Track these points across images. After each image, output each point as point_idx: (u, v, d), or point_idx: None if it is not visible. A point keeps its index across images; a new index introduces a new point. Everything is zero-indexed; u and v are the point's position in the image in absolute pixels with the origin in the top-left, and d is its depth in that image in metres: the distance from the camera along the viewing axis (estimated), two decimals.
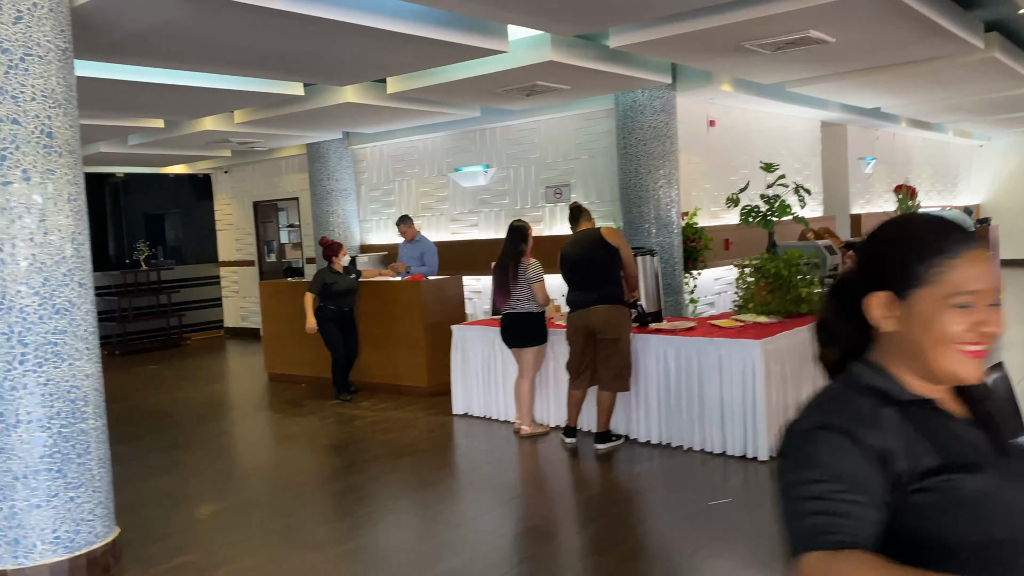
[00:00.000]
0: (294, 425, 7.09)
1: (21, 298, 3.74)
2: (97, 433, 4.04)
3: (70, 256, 3.91)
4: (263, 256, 13.39)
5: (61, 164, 3.87)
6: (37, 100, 3.76)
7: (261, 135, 9.80)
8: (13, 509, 3.76)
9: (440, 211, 10.67)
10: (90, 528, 3.96)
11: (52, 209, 3.83)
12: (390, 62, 6.18)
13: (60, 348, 3.85)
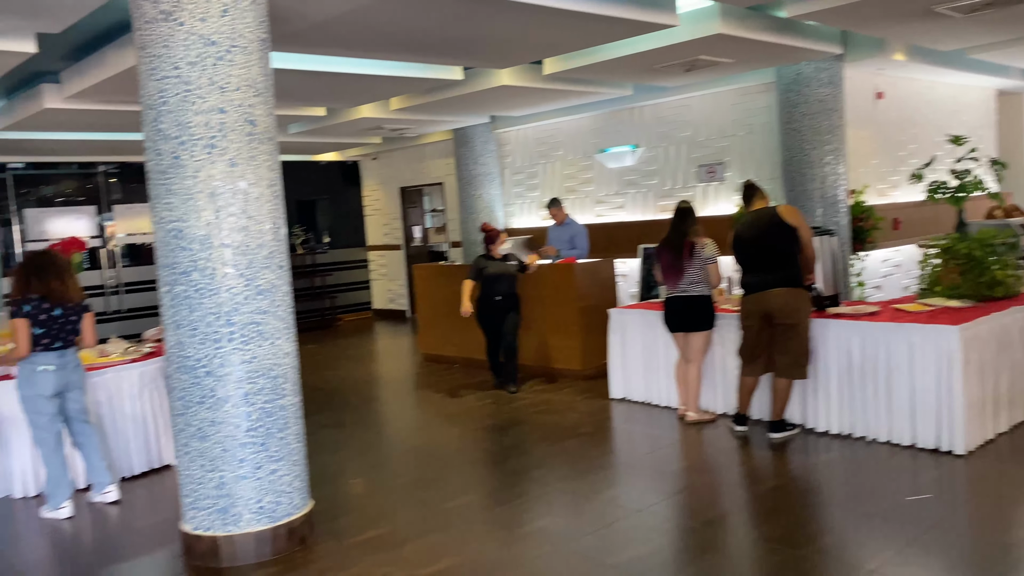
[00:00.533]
0: (453, 405, 7.21)
1: (228, 280, 3.93)
2: (294, 409, 4.21)
3: (270, 240, 4.07)
4: (409, 240, 13.73)
5: (262, 151, 4.03)
6: (241, 90, 3.93)
7: (413, 121, 10.00)
8: (223, 479, 3.98)
9: (585, 193, 10.57)
10: (289, 500, 4.14)
11: (255, 194, 3.99)
12: (552, 42, 6.12)
13: (263, 327, 4.02)
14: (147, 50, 3.87)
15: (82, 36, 5.80)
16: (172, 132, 3.85)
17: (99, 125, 8.27)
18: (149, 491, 5.39)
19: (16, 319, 4.66)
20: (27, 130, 8.22)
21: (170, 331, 4.01)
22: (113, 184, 12.33)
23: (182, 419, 4.02)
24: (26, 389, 4.77)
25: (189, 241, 3.89)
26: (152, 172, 3.96)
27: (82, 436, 5.04)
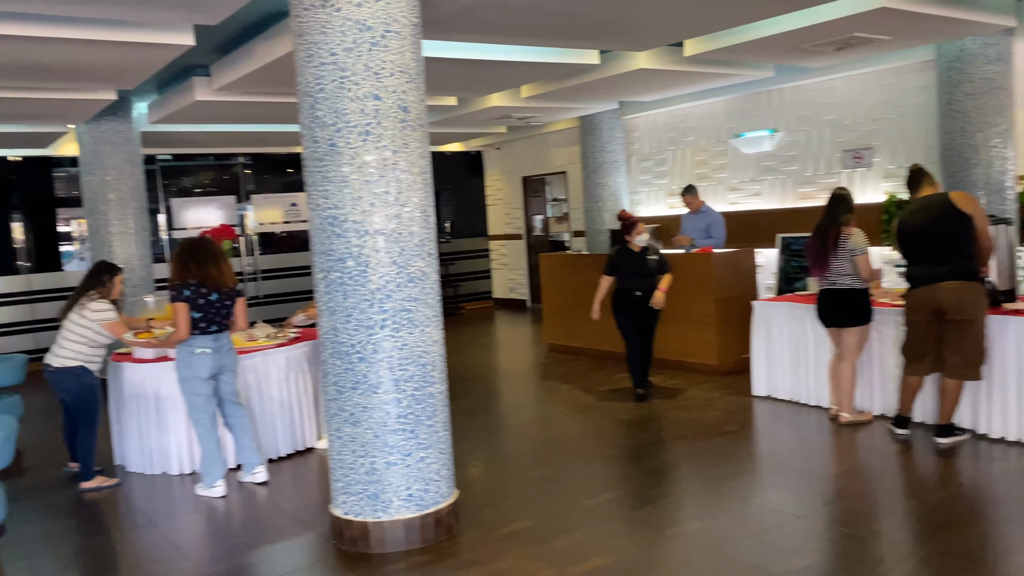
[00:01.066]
0: (583, 397, 7.08)
1: (382, 267, 3.92)
2: (441, 397, 4.18)
3: (420, 228, 4.04)
4: (530, 230, 13.67)
5: (414, 138, 4.00)
6: (395, 76, 3.90)
7: (541, 109, 9.89)
8: (373, 465, 3.99)
9: (718, 180, 10.19)
10: (436, 488, 4.11)
11: (407, 182, 3.96)
12: (697, 21, 5.86)
13: (413, 315, 4.00)
14: (304, 37, 3.89)
15: (232, 29, 5.96)
16: (328, 119, 3.86)
17: (241, 117, 8.57)
18: (294, 473, 5.51)
19: (177, 303, 4.83)
20: (176, 123, 8.60)
21: (324, 317, 4.04)
22: (248, 175, 12.83)
23: (335, 404, 4.05)
24: (184, 370, 4.95)
25: (344, 228, 3.90)
26: (308, 160, 3.99)
27: (233, 417, 5.20)
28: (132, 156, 8.59)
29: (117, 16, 4.78)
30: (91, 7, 4.48)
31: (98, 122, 8.33)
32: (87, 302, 5.13)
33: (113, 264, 5.40)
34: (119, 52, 5.38)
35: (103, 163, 8.44)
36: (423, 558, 3.94)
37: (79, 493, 5.24)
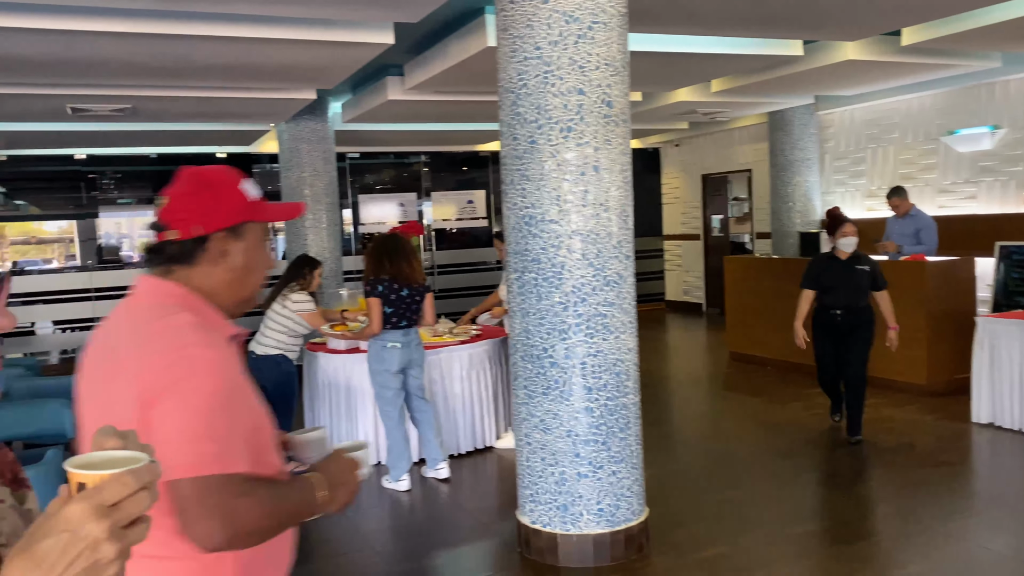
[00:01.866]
0: (773, 412, 6.62)
1: (577, 269, 3.76)
2: (635, 408, 3.97)
3: (618, 229, 3.85)
4: (708, 230, 13.14)
5: (617, 134, 3.80)
6: (600, 69, 3.72)
7: (729, 104, 9.42)
8: (563, 476, 3.83)
9: (925, 181, 9.29)
10: (628, 504, 3.91)
11: (608, 181, 3.78)
12: (924, 5, 5.27)
13: (608, 321, 3.81)
14: (509, 31, 3.79)
15: (426, 28, 6.02)
16: (530, 116, 3.74)
17: (427, 115, 8.72)
18: (475, 472, 5.49)
19: (371, 298, 4.91)
20: (368, 122, 8.89)
21: (517, 318, 3.93)
22: (425, 172, 13.14)
23: (525, 408, 3.93)
24: (375, 364, 5.03)
25: (540, 228, 3.77)
26: (507, 157, 3.89)
27: (419, 412, 5.23)
28: (327, 154, 8.97)
29: (321, 15, 4.92)
30: (296, 7, 4.62)
31: (297, 121, 8.75)
32: (289, 293, 5.33)
33: (313, 258, 5.58)
34: (322, 52, 5.55)
35: (300, 160, 8.86)
36: None
37: None
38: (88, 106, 6.95)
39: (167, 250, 1.49)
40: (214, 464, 1.31)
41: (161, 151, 10.96)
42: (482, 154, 13.02)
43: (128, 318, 1.45)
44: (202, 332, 1.40)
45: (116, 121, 7.92)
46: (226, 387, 1.38)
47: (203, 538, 1.30)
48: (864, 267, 5.61)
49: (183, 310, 1.42)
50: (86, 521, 0.67)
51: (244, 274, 1.53)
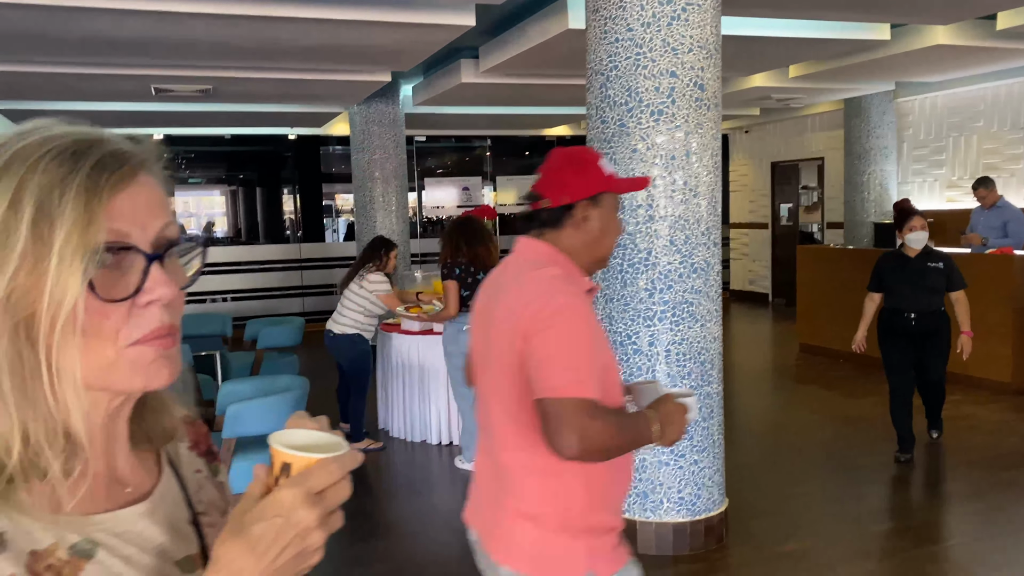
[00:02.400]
0: (849, 407, 6.47)
1: (665, 255, 3.71)
2: (718, 398, 3.92)
3: (707, 215, 3.78)
4: (776, 219, 12.88)
5: (708, 119, 3.74)
6: (693, 51, 3.65)
7: (805, 90, 9.19)
8: (644, 463, 3.81)
9: (1010, 172, 8.94)
10: (709, 494, 3.86)
11: (697, 165, 3.72)
12: None
13: (695, 309, 3.76)
14: (600, 12, 3.74)
15: (505, 9, 5.99)
16: (620, 99, 3.70)
17: (498, 99, 8.70)
18: None
19: (448, 281, 4.93)
20: (438, 105, 8.92)
21: (599, 304, 3.90)
22: (488, 156, 13.14)
23: None
24: (451, 346, 5.05)
25: (627, 212, 3.73)
26: (594, 141, 3.85)
27: None
28: (397, 137, 9.03)
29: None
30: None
31: (369, 104, 8.82)
32: (366, 274, 5.39)
33: (389, 240, 5.64)
34: (402, 33, 5.57)
35: (371, 143, 8.94)
36: (692, 567, 3.71)
37: None
38: (172, 87, 7.11)
39: (540, 216, 1.82)
40: (575, 389, 1.59)
41: (234, 131, 11.17)
42: (547, 138, 12.96)
43: (511, 270, 1.84)
44: (568, 283, 1.73)
45: (195, 102, 8.09)
46: (588, 329, 1.67)
47: (563, 448, 1.58)
48: (937, 264, 4.95)
49: (552, 265, 1.76)
50: (298, 507, 0.67)
51: (600, 237, 1.83)
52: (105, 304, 0.69)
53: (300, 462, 0.69)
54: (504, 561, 1.73)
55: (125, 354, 0.71)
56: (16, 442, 0.69)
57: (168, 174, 0.79)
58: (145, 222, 0.72)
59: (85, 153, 0.71)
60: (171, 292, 0.72)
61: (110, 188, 0.70)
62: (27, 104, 8.03)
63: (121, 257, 0.70)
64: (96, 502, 0.76)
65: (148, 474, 0.83)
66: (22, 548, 0.68)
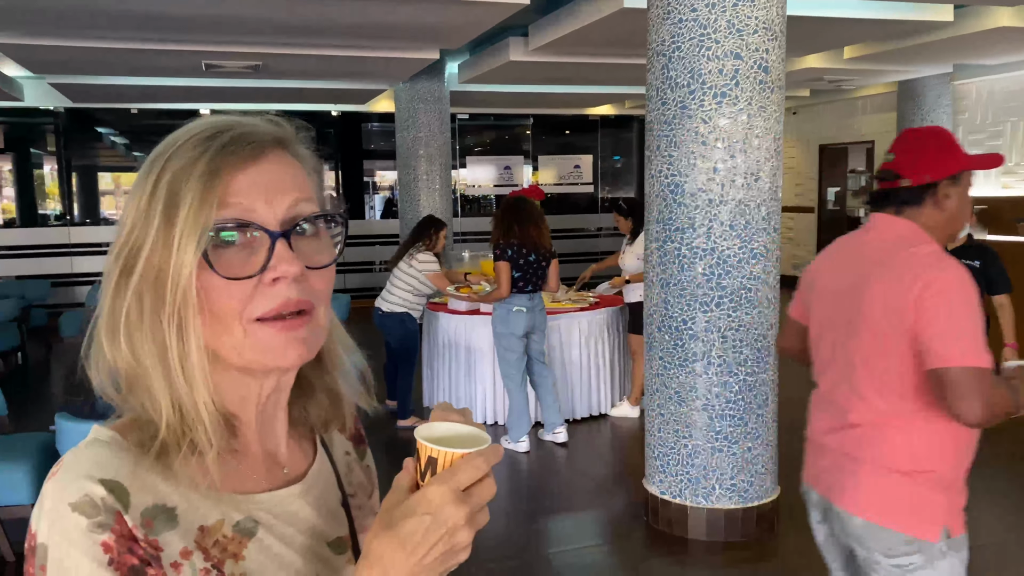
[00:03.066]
0: None
1: (724, 240, 3.66)
2: (773, 385, 3.87)
3: (768, 199, 3.72)
4: (823, 203, 12.66)
5: (771, 101, 3.66)
6: (759, 33, 3.57)
7: (858, 72, 8.98)
8: (696, 448, 3.79)
9: None
10: (761, 482, 3.83)
11: (759, 149, 3.65)
12: None
13: (753, 295, 3.71)
14: None
15: None
16: (682, 80, 3.64)
17: (545, 78, 8.63)
18: (591, 438, 5.49)
19: (500, 262, 4.92)
20: (484, 83, 8.87)
21: (655, 288, 3.87)
22: (528, 135, 13.06)
23: (659, 379, 3.89)
24: (501, 327, 5.06)
25: (686, 196, 3.69)
26: (654, 123, 3.80)
27: (539, 376, 5.25)
28: (442, 115, 9.01)
29: None
30: None
31: (414, 81, 8.80)
32: (415, 253, 5.41)
33: (438, 219, 5.64)
34: (453, 11, 5.54)
35: (416, 121, 8.93)
36: (743, 554, 3.69)
37: (396, 430, 5.60)
38: (221, 63, 7.16)
39: (900, 195, 1.91)
40: (975, 359, 1.70)
41: (280, 107, 11.22)
42: (591, 118, 12.85)
43: (873, 247, 1.94)
44: (948, 258, 1.83)
45: (243, 77, 8.14)
46: (975, 299, 1.76)
47: (967, 414, 1.70)
48: (972, 263, 4.31)
49: (926, 242, 1.87)
50: (446, 505, 0.67)
51: (957, 215, 1.92)
52: (228, 282, 0.70)
53: (445, 457, 0.69)
54: (860, 512, 1.89)
55: (252, 331, 0.71)
56: (164, 413, 0.71)
57: (312, 151, 0.79)
58: (272, 199, 0.72)
59: (215, 137, 0.72)
60: (295, 269, 0.71)
61: (232, 168, 0.71)
62: (83, 79, 8.15)
63: (248, 236, 0.71)
64: (255, 482, 0.78)
65: (304, 456, 0.85)
66: (192, 523, 0.71)
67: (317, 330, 0.75)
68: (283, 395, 0.80)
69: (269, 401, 0.78)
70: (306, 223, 0.74)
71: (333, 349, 0.85)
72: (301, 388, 0.84)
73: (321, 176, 0.81)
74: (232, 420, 0.76)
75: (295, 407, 0.84)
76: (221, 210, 0.69)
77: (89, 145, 11.30)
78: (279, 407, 0.81)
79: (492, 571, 3.59)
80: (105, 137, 11.51)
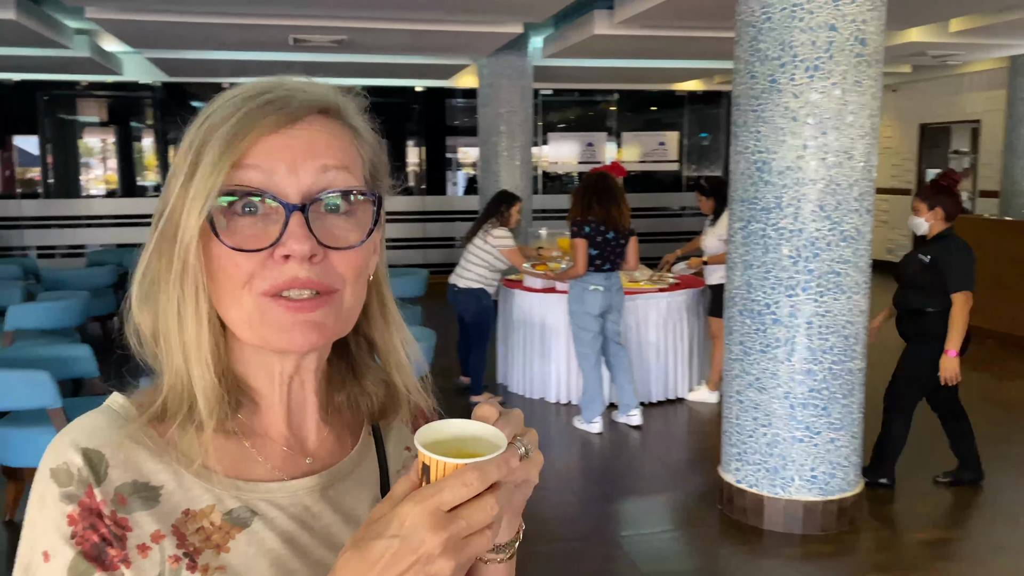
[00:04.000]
0: (1002, 388, 6.03)
1: (813, 221, 3.49)
2: (860, 375, 3.70)
3: (862, 179, 3.53)
4: (921, 185, 12.04)
5: (868, 76, 3.46)
6: (856, 3, 3.37)
7: (966, 46, 8.45)
8: (776, 437, 3.65)
9: None
10: (844, 474, 3.68)
11: (855, 126, 3.46)
12: None
13: (842, 279, 3.54)
14: None
15: None
16: (772, 52, 3.47)
17: (629, 52, 8.44)
18: (667, 422, 5.39)
19: (577, 239, 4.85)
20: (568, 57, 8.74)
21: (738, 270, 3.73)
22: (613, 111, 12.83)
23: (739, 365, 3.76)
24: (576, 305, 4.99)
25: (773, 175, 3.53)
26: (741, 97, 3.65)
27: (614, 357, 5.17)
28: (524, 90, 8.93)
29: None
30: None
31: (497, 56, 8.74)
32: (490, 229, 5.38)
33: (513, 194, 5.59)
34: None
35: (498, 96, 8.87)
36: (822, 548, 3.55)
37: (468, 405, 5.62)
38: (309, 37, 7.26)
39: None
40: None
41: (365, 83, 11.35)
42: (677, 93, 12.55)
43: None
44: None
45: (330, 52, 8.24)
46: None
47: None
48: (923, 257, 4.05)
49: None
50: (419, 528, 0.55)
51: None
52: (233, 251, 0.65)
53: (438, 466, 0.58)
54: None
55: (261, 306, 0.66)
56: (168, 377, 0.68)
57: (367, 123, 0.74)
58: (298, 166, 0.66)
59: (256, 97, 0.67)
60: (305, 248, 0.64)
61: (262, 129, 0.65)
62: (176, 53, 8.40)
63: (266, 205, 0.65)
64: (268, 469, 0.71)
65: (340, 447, 0.78)
66: (176, 505, 0.66)
67: (337, 315, 0.68)
68: (309, 379, 0.74)
69: (294, 383, 0.73)
70: (336, 197, 0.68)
71: (387, 338, 0.78)
72: (353, 374, 0.78)
73: (376, 151, 0.75)
74: (254, 397, 0.72)
75: (340, 394, 0.78)
76: (237, 172, 0.65)
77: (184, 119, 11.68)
78: (308, 391, 0.74)
79: (560, 552, 3.56)
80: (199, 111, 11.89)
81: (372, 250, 0.73)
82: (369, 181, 0.73)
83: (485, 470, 0.57)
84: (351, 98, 0.73)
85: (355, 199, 0.70)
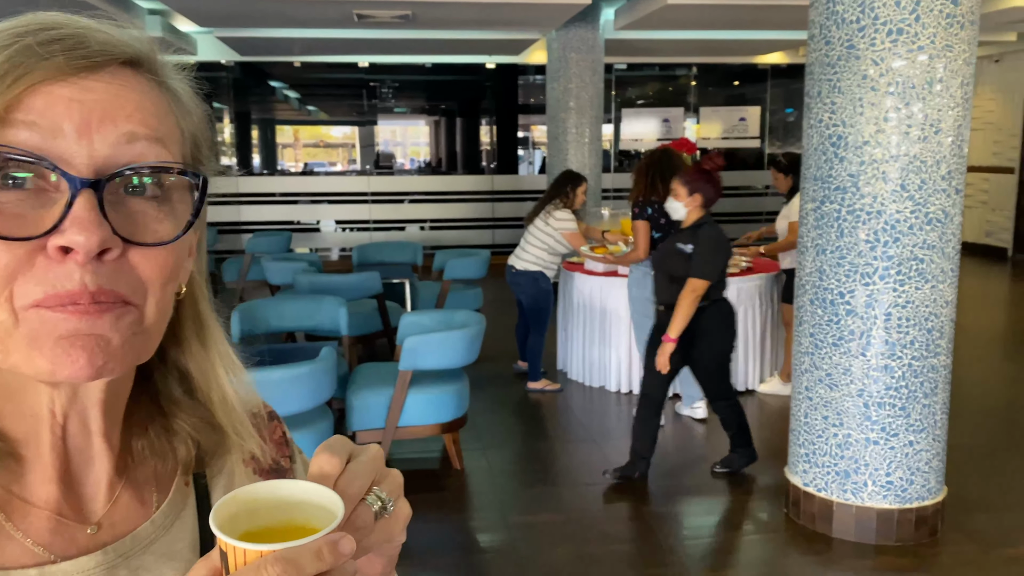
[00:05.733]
0: None
1: (893, 203, 3.16)
2: (945, 373, 3.35)
3: (950, 155, 3.17)
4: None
5: (960, 39, 3.09)
6: None
7: None
8: (847, 439, 3.35)
9: None
10: (924, 480, 3.35)
11: (944, 96, 3.10)
12: None
13: (925, 267, 3.19)
14: None
15: None
16: (850, 15, 3.13)
17: (705, 22, 8.04)
18: None
19: (638, 221, 4.59)
20: (641, 29, 8.39)
21: (809, 256, 3.43)
22: (692, 86, 12.35)
23: (808, 359, 3.46)
24: (637, 290, 4.75)
25: (850, 150, 3.20)
26: (815, 65, 3.32)
27: None
28: (595, 64, 8.62)
29: None
30: None
31: (567, 29, 8.45)
32: (552, 210, 5.16)
33: (578, 174, 5.36)
34: None
35: (567, 71, 8.60)
36: (898, 560, 3.25)
37: (525, 392, 5.45)
38: (372, 12, 7.14)
39: None
40: None
41: (434, 60, 11.23)
42: (760, 67, 11.99)
43: None
44: None
45: (396, 28, 8.12)
46: None
47: None
48: (683, 247, 3.87)
49: None
50: None
51: None
52: None
53: (236, 554, 0.44)
54: None
55: (25, 318, 0.47)
56: None
57: (184, 82, 0.55)
58: (93, 129, 0.48)
59: (36, 32, 0.48)
60: (89, 240, 0.46)
61: (39, 73, 0.47)
62: (245, 31, 8.44)
63: (44, 178, 0.47)
64: (26, 549, 0.53)
65: (142, 508, 0.59)
66: None
67: (135, 330, 0.50)
68: (94, 417, 0.55)
69: (71, 424, 0.54)
70: (146, 174, 0.50)
71: (207, 368, 0.60)
72: (161, 412, 0.59)
73: (201, 123, 0.56)
74: (12, 448, 0.53)
75: (141, 440, 0.59)
76: (3, 128, 0.47)
77: (257, 97, 11.83)
78: (92, 433, 0.56)
79: (613, 555, 3.36)
80: (277, 90, 12.00)
81: (187, 251, 0.55)
82: (189, 160, 0.54)
83: (296, 562, 0.42)
84: (171, 56, 0.55)
85: (170, 180, 0.51)
